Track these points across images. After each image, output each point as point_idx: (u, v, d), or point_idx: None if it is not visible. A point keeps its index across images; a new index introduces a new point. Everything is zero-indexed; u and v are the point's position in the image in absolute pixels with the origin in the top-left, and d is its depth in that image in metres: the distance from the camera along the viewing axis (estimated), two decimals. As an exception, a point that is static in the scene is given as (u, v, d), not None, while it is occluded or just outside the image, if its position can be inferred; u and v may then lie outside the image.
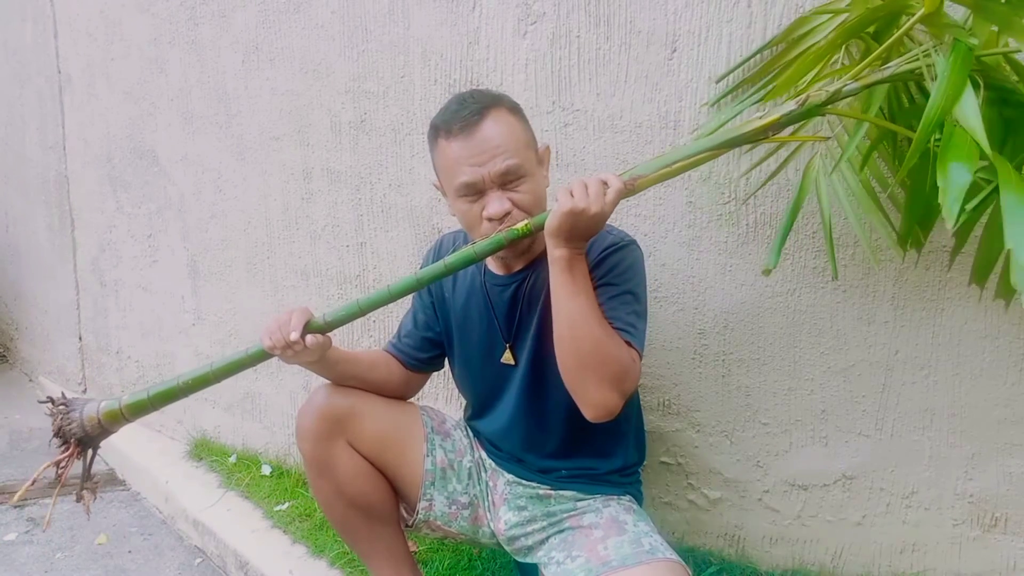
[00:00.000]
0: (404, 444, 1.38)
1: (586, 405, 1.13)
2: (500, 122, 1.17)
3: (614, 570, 1.12)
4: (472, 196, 1.18)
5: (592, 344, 1.09)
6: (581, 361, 1.11)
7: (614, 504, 1.31)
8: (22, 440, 2.88)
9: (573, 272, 1.09)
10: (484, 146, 1.15)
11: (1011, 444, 1.40)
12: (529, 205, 1.17)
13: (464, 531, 1.42)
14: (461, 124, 1.16)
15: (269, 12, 2.04)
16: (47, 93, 2.95)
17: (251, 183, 2.20)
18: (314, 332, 1.20)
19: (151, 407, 1.25)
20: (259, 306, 2.26)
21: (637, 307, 1.20)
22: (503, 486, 1.39)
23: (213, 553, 2.01)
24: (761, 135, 1.07)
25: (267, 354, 1.21)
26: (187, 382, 1.25)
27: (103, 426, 1.24)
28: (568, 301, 1.10)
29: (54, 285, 3.19)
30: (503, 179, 1.15)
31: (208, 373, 1.24)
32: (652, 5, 1.48)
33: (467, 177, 1.16)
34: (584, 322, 1.09)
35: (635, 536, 1.20)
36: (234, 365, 1.24)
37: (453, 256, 1.15)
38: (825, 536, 1.56)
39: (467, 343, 1.38)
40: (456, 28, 1.71)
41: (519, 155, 1.16)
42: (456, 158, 1.17)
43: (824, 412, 1.51)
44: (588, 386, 1.11)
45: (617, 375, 1.11)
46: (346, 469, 1.34)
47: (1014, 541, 1.44)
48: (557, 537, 1.30)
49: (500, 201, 1.15)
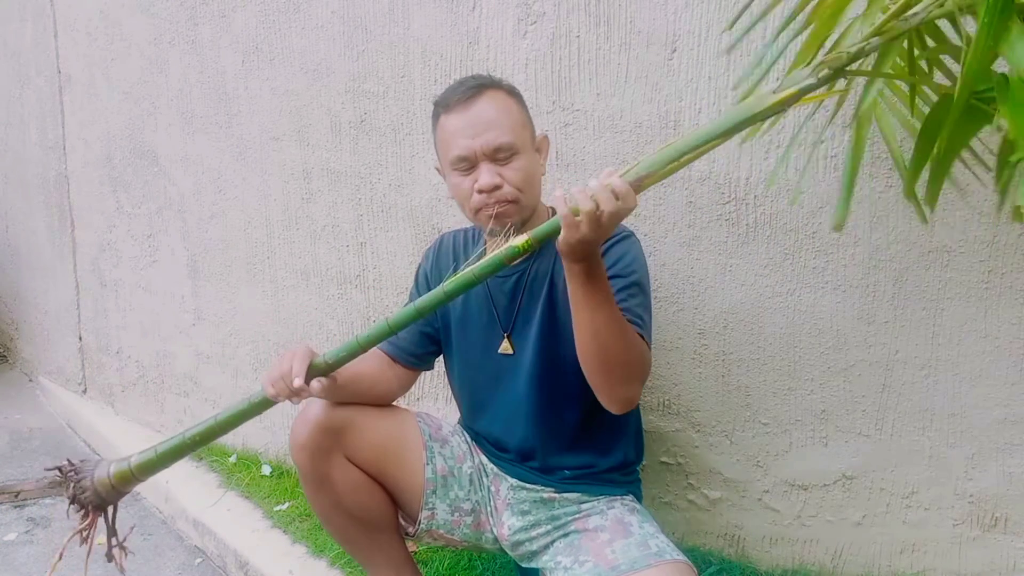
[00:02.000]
0: (402, 454, 1.36)
1: (612, 402, 1.16)
2: (497, 101, 1.21)
3: (622, 574, 1.12)
4: (465, 169, 1.20)
5: (619, 350, 1.11)
6: (608, 367, 1.12)
7: (618, 505, 1.31)
8: (22, 440, 2.88)
9: (594, 283, 1.06)
10: (478, 119, 1.18)
11: (1011, 444, 1.40)
12: (520, 182, 1.19)
13: (467, 538, 1.41)
14: (459, 98, 1.20)
15: (269, 12, 2.04)
16: (47, 93, 2.95)
17: (251, 183, 2.20)
18: (318, 375, 1.17)
19: (160, 465, 1.24)
20: (259, 306, 2.26)
21: (644, 299, 1.22)
22: (506, 491, 1.38)
23: (213, 553, 2.01)
24: (775, 111, 0.98)
25: (271, 402, 1.19)
26: (193, 436, 1.23)
27: (116, 488, 1.24)
28: (592, 312, 1.08)
29: (54, 285, 3.19)
30: (495, 154, 1.18)
31: (213, 426, 1.22)
32: (652, 5, 1.48)
33: (460, 150, 1.19)
34: (609, 331, 1.09)
35: (642, 538, 1.20)
36: (238, 416, 1.21)
37: (452, 282, 1.09)
38: (825, 536, 1.56)
39: (467, 338, 1.38)
40: (456, 28, 1.71)
41: (513, 133, 1.19)
42: (452, 131, 1.21)
43: (824, 412, 1.51)
44: (615, 386, 1.14)
45: (641, 372, 1.17)
46: (344, 483, 1.31)
47: (1014, 541, 1.44)
48: (562, 541, 1.29)
49: (490, 174, 1.18)
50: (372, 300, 2.00)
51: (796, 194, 1.43)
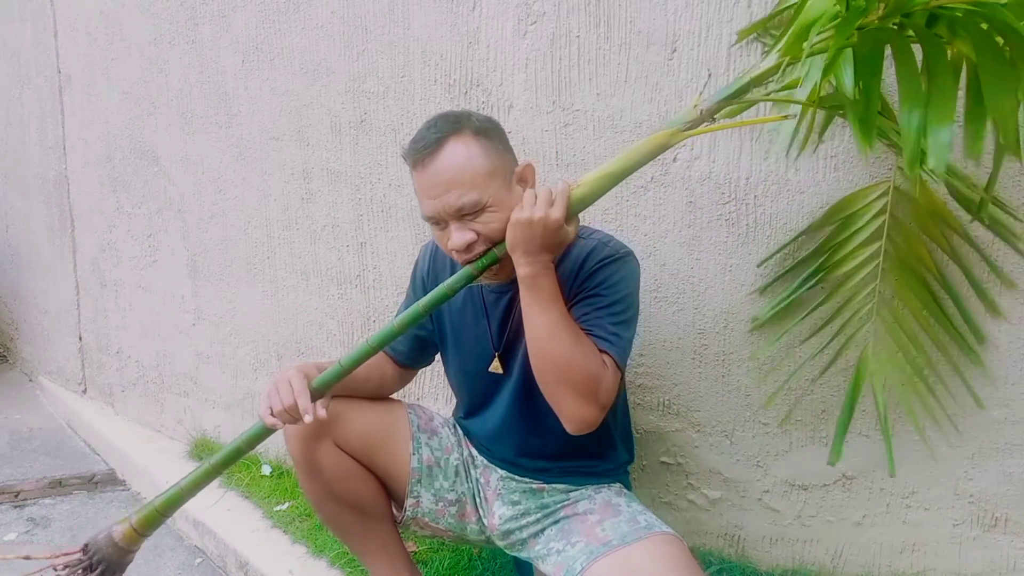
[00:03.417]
0: (390, 443, 1.39)
1: (565, 419, 1.15)
2: (458, 155, 1.13)
3: (614, 548, 1.13)
4: (437, 224, 1.18)
5: (562, 358, 1.11)
6: (553, 376, 1.13)
7: (605, 490, 1.33)
8: (22, 440, 2.88)
9: (539, 288, 1.12)
10: (438, 179, 1.13)
11: (1011, 444, 1.40)
12: (493, 232, 1.14)
13: (451, 527, 1.43)
14: (419, 155, 1.15)
15: (269, 12, 2.04)
16: (47, 93, 2.95)
17: (251, 183, 2.20)
18: (316, 399, 1.18)
19: (161, 517, 1.25)
20: (259, 306, 2.26)
21: (623, 317, 1.19)
22: (496, 481, 1.40)
23: (213, 553, 2.01)
24: (666, 147, 1.08)
25: (270, 430, 1.20)
26: (191, 481, 1.24)
27: (127, 549, 1.26)
28: (536, 316, 1.13)
29: (54, 285, 3.19)
30: (459, 213, 1.13)
31: (209, 468, 1.23)
32: (652, 5, 1.48)
33: (426, 210, 1.17)
34: (552, 337, 1.11)
35: (630, 515, 1.23)
36: (236, 453, 1.22)
37: (428, 296, 1.16)
38: (825, 536, 1.56)
39: (461, 347, 1.39)
40: (456, 28, 1.71)
41: (476, 188, 1.12)
42: (418, 189, 1.18)
43: (824, 412, 1.51)
44: (562, 399, 1.13)
45: (589, 387, 1.11)
46: (334, 469, 1.35)
47: (1014, 541, 1.44)
48: (553, 528, 1.31)
49: (460, 233, 1.14)
50: (372, 300, 2.00)
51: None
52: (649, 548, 1.12)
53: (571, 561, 1.17)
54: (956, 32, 0.90)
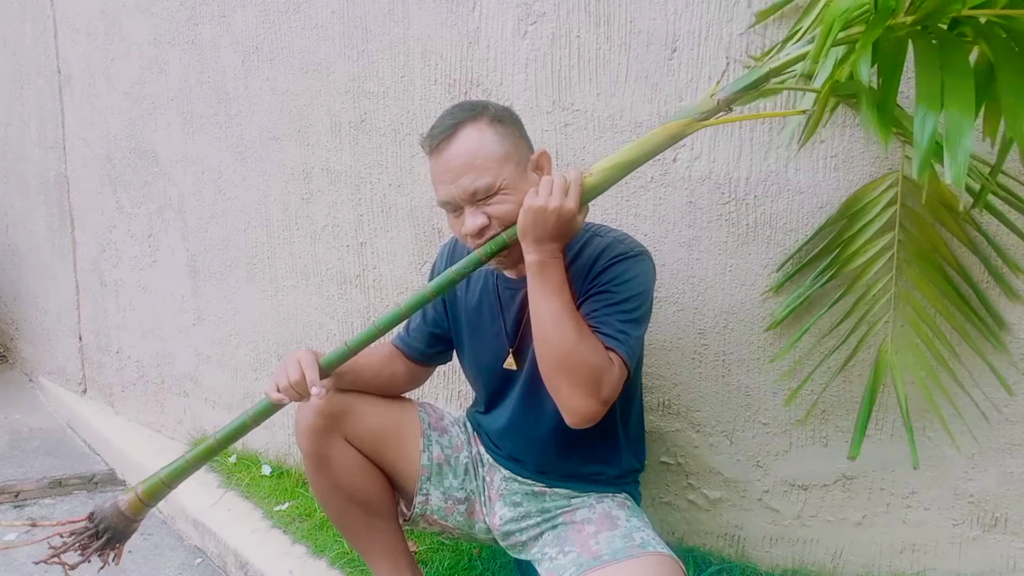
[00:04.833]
0: (400, 440, 1.40)
1: (564, 410, 1.14)
2: (472, 139, 1.15)
3: (604, 564, 1.13)
4: (452, 210, 1.19)
5: (564, 346, 1.10)
6: (554, 366, 1.12)
7: (608, 500, 1.32)
8: (22, 440, 2.88)
9: (545, 277, 1.12)
10: (452, 164, 1.15)
11: (1011, 444, 1.40)
12: (507, 216, 1.15)
13: (460, 526, 1.43)
14: (436, 141, 1.17)
15: (269, 12, 2.04)
16: (47, 93, 2.95)
17: (251, 183, 2.20)
18: (324, 376, 1.22)
19: (167, 488, 1.27)
20: (259, 306, 2.26)
21: (633, 315, 1.19)
22: (499, 482, 1.41)
23: (213, 553, 2.01)
24: (681, 136, 1.09)
25: (278, 405, 1.22)
26: (196, 455, 1.26)
27: (132, 518, 1.27)
28: (541, 305, 1.13)
29: (54, 285, 3.19)
30: (473, 197, 1.15)
31: (213, 444, 1.25)
32: (652, 5, 1.48)
33: (442, 196, 1.18)
34: (556, 326, 1.11)
35: (627, 531, 1.21)
36: (241, 428, 1.24)
37: (435, 280, 1.18)
38: (825, 536, 1.56)
39: (477, 343, 1.39)
40: (456, 28, 1.71)
41: (491, 172, 1.14)
42: (434, 175, 1.20)
43: (824, 412, 1.51)
44: (563, 390, 1.13)
45: (592, 380, 1.11)
46: (343, 464, 1.35)
47: (1014, 541, 1.44)
48: (551, 533, 1.32)
49: (474, 217, 1.15)
50: (372, 300, 2.00)
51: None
52: (639, 569, 1.11)
53: (560, 570, 1.19)
54: (980, 35, 0.91)
